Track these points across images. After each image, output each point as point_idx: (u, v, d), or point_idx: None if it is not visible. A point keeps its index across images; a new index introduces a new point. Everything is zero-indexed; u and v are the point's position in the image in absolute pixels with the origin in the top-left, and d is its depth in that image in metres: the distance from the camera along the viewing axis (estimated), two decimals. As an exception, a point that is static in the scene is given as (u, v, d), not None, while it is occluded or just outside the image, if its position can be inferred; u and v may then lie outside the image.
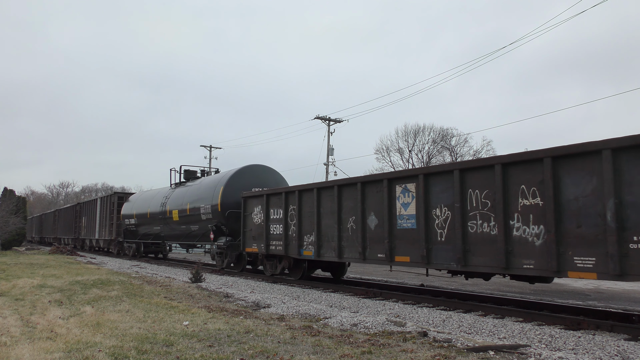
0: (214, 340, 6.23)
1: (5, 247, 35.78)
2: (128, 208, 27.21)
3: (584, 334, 6.98)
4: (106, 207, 30.44)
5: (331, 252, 12.13)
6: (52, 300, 10.01)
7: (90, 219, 33.96)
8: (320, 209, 12.59)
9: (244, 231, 16.02)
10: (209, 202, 18.25)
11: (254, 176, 18.17)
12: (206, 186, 19.34)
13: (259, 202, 15.35)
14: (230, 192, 17.48)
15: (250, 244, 15.72)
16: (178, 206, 20.94)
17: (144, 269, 19.48)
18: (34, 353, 5.58)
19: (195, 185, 20.85)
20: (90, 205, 34.47)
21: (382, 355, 5.49)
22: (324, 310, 8.97)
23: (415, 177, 10.09)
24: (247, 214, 15.98)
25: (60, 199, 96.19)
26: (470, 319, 8.28)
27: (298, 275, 14.44)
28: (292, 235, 13.65)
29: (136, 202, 26.72)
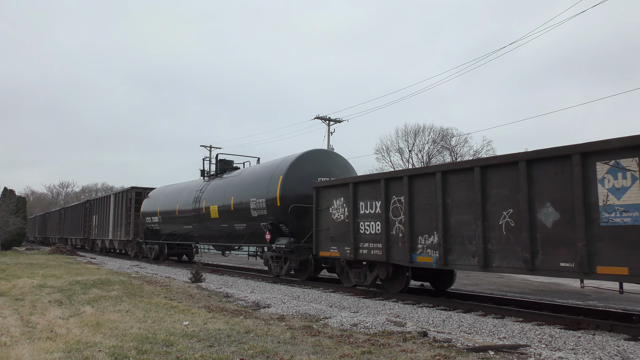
0: (214, 340, 6.23)
1: (5, 247, 35.77)
2: (149, 205, 24.22)
3: (584, 334, 6.98)
4: (122, 204, 27.31)
5: (468, 258, 9.02)
6: (52, 300, 10.01)
7: (102, 217, 30.95)
8: (447, 200, 9.51)
9: (318, 230, 12.81)
10: (262, 195, 15.13)
11: (317, 163, 14.95)
12: (257, 177, 16.18)
13: (340, 193, 12.15)
14: (291, 182, 14.38)
15: (327, 247, 12.49)
16: (218, 201, 17.85)
17: (144, 269, 19.47)
18: (34, 353, 5.58)
19: (239, 176, 17.75)
20: (102, 202, 31.44)
21: (382, 355, 5.49)
22: (324, 310, 8.97)
23: (637, 147, 6.93)
24: (321, 208, 12.76)
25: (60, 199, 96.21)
26: (470, 319, 8.28)
27: (398, 286, 11.22)
28: (396, 235, 10.61)
29: (159, 197, 23.67)
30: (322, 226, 12.74)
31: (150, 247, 24.15)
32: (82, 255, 30.16)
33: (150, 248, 24.12)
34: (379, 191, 11.05)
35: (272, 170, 15.33)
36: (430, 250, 9.86)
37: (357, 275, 12.14)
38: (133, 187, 26.98)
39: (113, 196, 29.33)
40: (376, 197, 11.15)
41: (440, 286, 11.82)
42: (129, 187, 27.21)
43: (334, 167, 15.24)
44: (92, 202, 34.16)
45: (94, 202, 33.72)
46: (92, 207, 33.72)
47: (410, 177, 10.40)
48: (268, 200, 14.81)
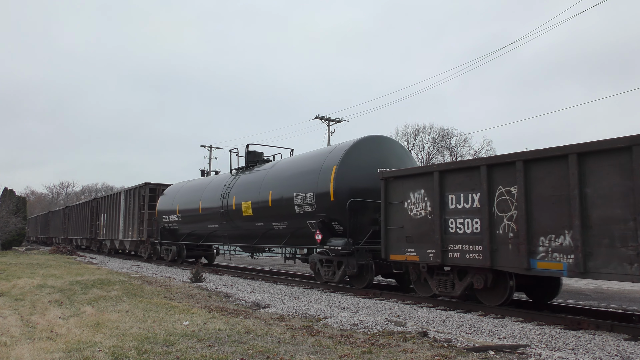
0: (214, 340, 6.23)
1: (5, 247, 35.77)
2: (167, 202, 22.00)
3: (584, 334, 6.98)
4: (134, 201, 25.18)
5: (622, 265, 7.00)
6: (52, 300, 10.01)
7: (111, 216, 28.75)
8: (585, 190, 7.49)
9: (388, 229, 10.73)
10: (310, 188, 13.05)
11: (373, 151, 12.90)
12: (301, 168, 14.05)
13: (420, 184, 10.13)
14: (347, 173, 12.32)
15: (400, 249, 10.42)
16: (251, 197, 15.68)
17: (144, 269, 19.47)
18: (34, 353, 5.58)
19: (276, 168, 15.64)
20: (111, 200, 29.16)
21: (382, 355, 5.49)
22: (324, 310, 8.97)
23: None
24: (393, 203, 10.69)
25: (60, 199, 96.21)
26: (470, 319, 8.28)
27: (497, 298, 9.17)
28: (504, 235, 8.54)
29: (178, 194, 21.40)
30: (394, 224, 10.65)
31: (167, 248, 22.11)
32: (82, 255, 30.15)
33: (167, 249, 22.06)
34: (478, 181, 8.98)
35: (322, 160, 13.18)
36: (558, 255, 7.74)
37: (440, 283, 10.03)
38: (147, 183, 24.62)
39: (124, 193, 27.05)
40: (473, 188, 9.11)
41: (540, 297, 9.78)
42: (142, 183, 24.78)
43: (391, 155, 13.08)
44: (100, 200, 32.00)
45: (102, 200, 31.52)
46: (100, 205, 31.62)
47: (526, 162, 8.29)
48: (318, 195, 12.71)
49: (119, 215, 27.41)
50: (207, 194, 18.93)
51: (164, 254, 22.35)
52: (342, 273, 12.27)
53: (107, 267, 20.51)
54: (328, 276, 12.76)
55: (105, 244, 31.15)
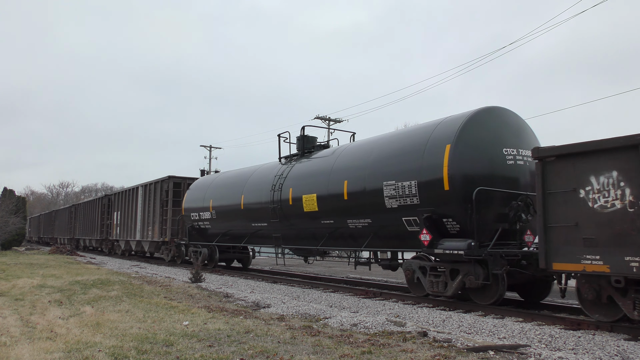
0: (214, 340, 6.23)
1: (5, 247, 35.78)
2: (196, 197, 19.22)
3: (584, 334, 6.98)
4: (154, 197, 22.56)
5: None
6: (52, 300, 10.00)
7: (127, 214, 26.21)
8: None
9: (549, 228, 7.88)
10: (409, 175, 10.16)
11: (493, 127, 9.95)
12: (392, 150, 11.09)
13: (608, 163, 7.32)
14: (465, 154, 9.46)
15: (572, 256, 7.56)
16: (316, 188, 12.83)
17: (144, 269, 19.47)
18: (34, 353, 5.58)
19: (347, 153, 12.74)
20: (127, 196, 26.57)
21: (382, 355, 5.49)
22: (324, 310, 8.97)
23: None
24: (556, 191, 7.87)
25: (60, 199, 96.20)
26: (470, 319, 8.28)
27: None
28: None
29: (211, 188, 18.61)
30: (560, 221, 7.80)
31: (196, 250, 19.30)
32: (82, 255, 30.14)
33: (196, 251, 19.23)
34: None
35: (424, 139, 10.29)
36: None
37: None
38: (170, 176, 21.96)
39: (142, 189, 24.53)
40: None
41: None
42: (164, 177, 22.12)
43: (516, 132, 10.23)
44: (113, 197, 29.47)
45: (116, 196, 28.91)
46: (113, 202, 29.05)
47: None
48: (423, 184, 9.86)
49: (136, 213, 24.92)
50: (251, 186, 16.07)
51: (192, 257, 19.49)
52: (457, 285, 9.40)
53: (107, 267, 20.51)
54: (436, 288, 9.78)
55: (118, 244, 28.61)
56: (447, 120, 10.32)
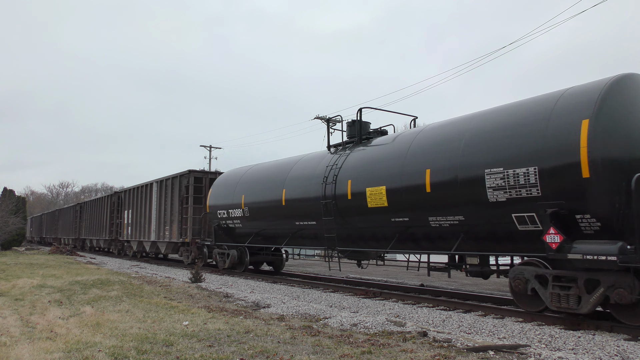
0: (214, 340, 6.23)
1: (5, 247, 35.78)
2: (224, 193, 17.08)
3: (584, 334, 6.98)
4: (172, 193, 20.97)
5: None
6: (51, 300, 10.00)
7: (140, 213, 24.43)
8: None
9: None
10: (525, 160, 8.18)
11: (633, 98, 7.94)
12: (491, 130, 9.02)
13: None
14: (612, 131, 7.51)
15: None
16: (385, 180, 10.85)
17: (144, 269, 19.47)
18: (34, 353, 5.58)
19: (423, 135, 10.77)
20: (139, 193, 24.76)
21: (382, 355, 5.49)
22: (323, 310, 8.97)
23: None
24: None
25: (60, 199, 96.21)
26: (470, 319, 8.28)
27: None
28: None
29: (242, 182, 16.46)
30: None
31: (223, 252, 17.23)
32: (82, 255, 30.14)
33: (223, 253, 17.20)
34: None
35: (545, 114, 8.21)
36: None
37: None
38: (191, 170, 20.03)
39: (157, 185, 22.68)
40: None
41: None
42: (184, 171, 20.20)
43: None
44: (124, 194, 27.76)
45: (127, 193, 27.15)
46: (124, 200, 27.44)
47: None
48: (547, 171, 7.84)
49: (150, 212, 23.24)
50: (294, 179, 13.91)
51: (218, 260, 17.41)
52: (598, 299, 7.42)
53: (107, 267, 20.51)
54: (565, 303, 7.78)
55: (130, 245, 26.74)
56: (573, 90, 8.28)
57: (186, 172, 20.09)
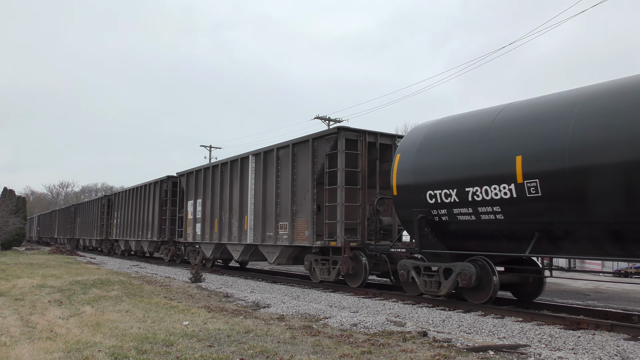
0: (214, 340, 6.24)
1: (5, 247, 35.78)
2: (454, 159, 9.44)
3: (584, 334, 6.98)
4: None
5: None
6: (51, 300, 10.01)
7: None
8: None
9: None
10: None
11: None
12: None
13: None
14: None
15: None
16: None
17: (144, 269, 19.47)
18: (34, 353, 5.58)
19: None
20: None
21: (382, 355, 5.49)
22: (323, 310, 8.97)
23: None
24: None
25: (60, 199, 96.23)
26: (470, 318, 8.28)
27: None
28: None
29: (510, 127, 8.68)
30: None
31: (431, 265, 9.99)
32: (82, 255, 30.15)
33: (429, 268, 10.00)
34: None
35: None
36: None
37: None
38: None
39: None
40: None
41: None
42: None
43: None
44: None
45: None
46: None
47: None
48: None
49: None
50: None
51: (419, 281, 10.07)
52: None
53: (107, 267, 20.51)
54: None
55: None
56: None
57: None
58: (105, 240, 30.12)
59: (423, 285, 10.03)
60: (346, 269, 11.74)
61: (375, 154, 12.44)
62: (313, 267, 13.17)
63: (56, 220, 45.99)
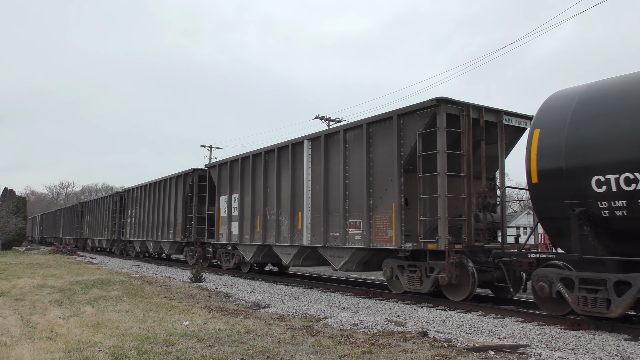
0: (214, 340, 6.24)
1: (5, 247, 35.79)
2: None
3: (584, 334, 6.97)
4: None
5: None
6: (52, 300, 10.01)
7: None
8: None
9: None
10: None
11: None
12: None
13: None
14: None
15: None
16: None
17: (144, 269, 19.47)
18: (34, 353, 5.58)
19: None
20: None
21: (382, 355, 5.49)
22: (324, 310, 8.97)
23: None
24: None
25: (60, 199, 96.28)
26: (471, 319, 8.28)
27: None
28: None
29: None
30: None
31: (593, 278, 7.33)
32: (82, 255, 30.16)
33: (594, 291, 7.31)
34: None
35: None
36: None
37: None
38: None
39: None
40: None
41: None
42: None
43: None
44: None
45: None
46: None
47: None
48: None
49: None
50: None
51: (586, 303, 7.41)
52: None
53: (107, 267, 20.51)
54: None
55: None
56: None
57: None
58: (117, 240, 28.26)
59: (579, 303, 7.40)
60: (449, 278, 9.27)
61: (480, 133, 10.21)
62: (395, 275, 10.63)
63: (61, 219, 43.95)
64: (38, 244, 55.60)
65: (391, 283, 11.00)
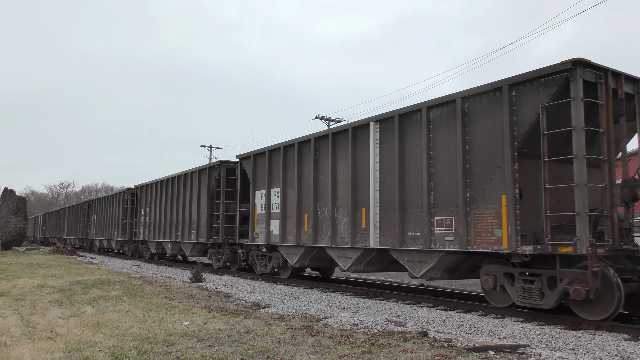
0: (214, 340, 6.24)
1: (5, 247, 35.80)
2: None
3: (584, 334, 6.98)
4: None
5: None
6: (52, 300, 10.01)
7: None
8: None
9: None
10: None
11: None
12: None
13: None
14: None
15: None
16: None
17: (144, 269, 19.47)
18: (34, 353, 5.58)
19: None
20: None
21: (382, 355, 5.49)
22: (324, 310, 8.97)
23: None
24: None
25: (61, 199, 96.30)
26: (471, 318, 8.28)
27: None
28: None
29: None
30: None
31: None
32: (83, 255, 30.17)
33: None
34: None
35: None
36: None
37: None
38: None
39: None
40: None
41: None
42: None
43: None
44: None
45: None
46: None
47: None
48: None
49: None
50: None
51: None
52: None
53: (107, 267, 20.52)
54: None
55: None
56: None
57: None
58: (128, 241, 26.19)
59: None
60: (587, 292, 7.14)
61: (620, 107, 8.17)
62: (501, 285, 8.51)
63: (65, 219, 41.63)
64: (40, 244, 54.56)
65: (492, 295, 8.89)
